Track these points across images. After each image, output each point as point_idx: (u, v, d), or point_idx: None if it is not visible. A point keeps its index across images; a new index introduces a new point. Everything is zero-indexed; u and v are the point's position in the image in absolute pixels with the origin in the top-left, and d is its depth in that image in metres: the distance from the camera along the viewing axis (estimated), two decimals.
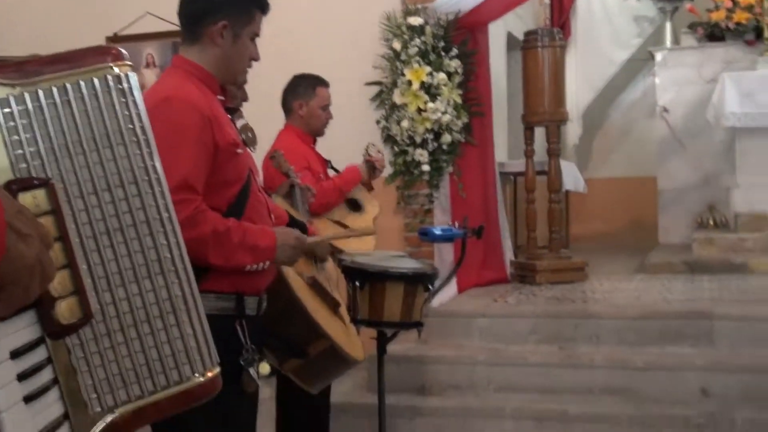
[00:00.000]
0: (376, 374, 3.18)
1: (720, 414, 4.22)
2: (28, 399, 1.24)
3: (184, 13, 2.44)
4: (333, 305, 3.05)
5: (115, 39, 6.32)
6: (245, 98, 3.51)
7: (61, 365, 1.32)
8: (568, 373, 4.58)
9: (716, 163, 7.50)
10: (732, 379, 4.34)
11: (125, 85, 1.45)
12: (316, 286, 3.03)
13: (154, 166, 1.48)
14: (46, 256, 1.14)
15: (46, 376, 1.30)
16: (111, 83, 1.43)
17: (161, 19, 6.01)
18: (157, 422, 2.21)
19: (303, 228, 2.83)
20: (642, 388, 4.45)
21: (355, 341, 3.11)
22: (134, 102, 1.45)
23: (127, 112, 1.45)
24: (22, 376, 1.24)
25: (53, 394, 1.31)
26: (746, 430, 4.11)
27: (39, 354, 1.28)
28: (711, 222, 7.26)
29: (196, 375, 1.51)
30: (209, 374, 1.54)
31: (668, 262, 6.33)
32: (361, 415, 4.55)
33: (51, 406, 1.30)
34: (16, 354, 1.22)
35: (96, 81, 1.41)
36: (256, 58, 2.53)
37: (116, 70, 1.44)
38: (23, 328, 1.25)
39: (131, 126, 1.45)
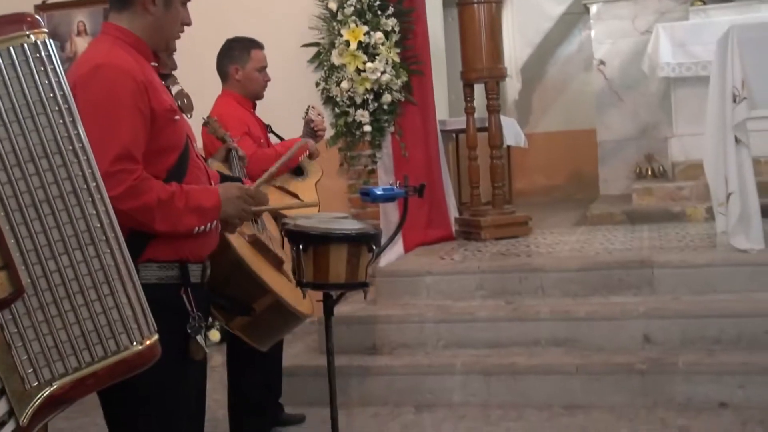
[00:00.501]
0: (325, 336, 3.18)
1: (662, 359, 4.32)
2: None
3: None
4: (276, 262, 3.04)
5: (45, 7, 6.16)
6: (174, 66, 3.44)
7: None
8: (515, 326, 4.64)
9: (653, 113, 7.63)
10: (673, 324, 4.44)
11: (43, 53, 1.42)
12: (257, 244, 3.02)
13: (78, 135, 1.47)
14: None
15: None
16: (28, 52, 1.40)
17: None
18: (106, 392, 2.22)
19: (239, 182, 2.81)
20: (587, 337, 4.53)
21: (302, 298, 3.11)
22: (54, 70, 1.43)
23: (47, 81, 1.42)
24: None
25: None
26: (688, 374, 4.21)
27: None
28: (649, 172, 7.39)
29: (134, 344, 1.52)
30: (147, 342, 1.55)
31: (609, 213, 6.43)
32: (312, 377, 4.57)
33: None
34: None
35: (12, 50, 1.38)
36: (188, 23, 2.49)
37: (33, 38, 1.40)
38: None
39: (52, 95, 1.43)
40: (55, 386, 1.39)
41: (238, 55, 4.27)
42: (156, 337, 1.58)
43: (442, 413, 4.38)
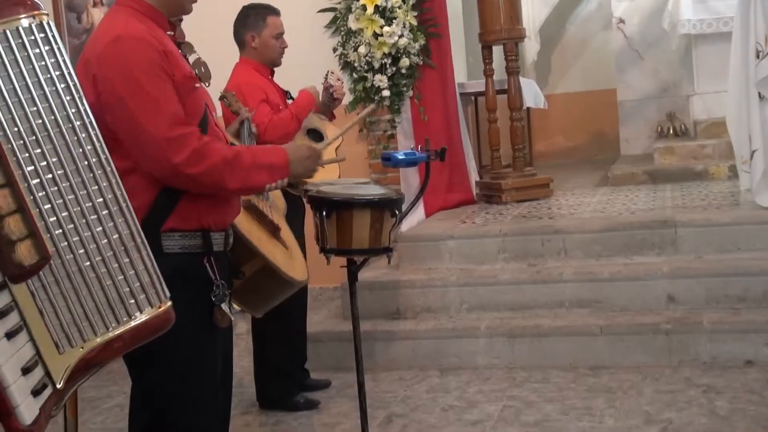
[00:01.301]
0: (349, 302, 3.19)
1: (687, 319, 4.31)
2: (9, 335, 1.30)
3: None
4: (272, 228, 3.04)
5: None
6: (182, 37, 3.43)
7: (27, 309, 1.35)
8: (538, 288, 4.64)
9: (674, 71, 7.53)
10: (697, 284, 4.42)
11: (49, 33, 1.47)
12: (251, 209, 3.01)
13: (86, 110, 1.52)
14: None
15: (14, 318, 1.33)
16: (35, 31, 1.45)
17: None
18: (136, 361, 2.24)
19: None
20: (610, 298, 4.53)
21: (297, 264, 3.10)
22: (59, 49, 1.49)
23: (53, 59, 1.48)
24: (3, 313, 1.29)
25: (23, 336, 1.34)
26: (713, 333, 4.20)
27: (4, 297, 1.31)
28: (671, 131, 7.32)
29: (153, 307, 1.61)
30: (164, 306, 1.63)
31: (631, 173, 6.39)
32: (337, 343, 4.60)
33: (23, 348, 1.34)
34: None
35: (21, 31, 1.43)
36: None
37: (36, 19, 1.46)
38: None
39: (59, 72, 1.48)
40: (86, 350, 1.45)
41: (253, 22, 4.25)
42: (169, 303, 1.65)
43: (467, 376, 4.40)
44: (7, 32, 1.42)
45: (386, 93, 5.57)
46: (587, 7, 9.02)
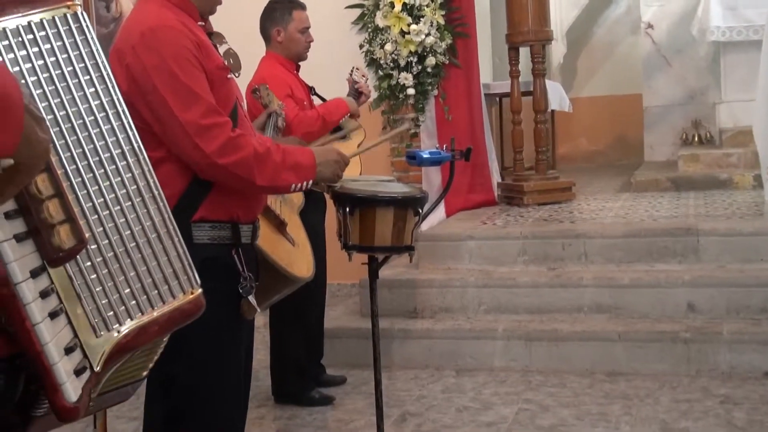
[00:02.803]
0: (368, 299, 3.18)
1: (707, 328, 4.28)
2: (52, 316, 1.32)
3: None
4: (277, 223, 3.04)
5: None
6: (210, 29, 3.44)
7: (64, 292, 1.37)
8: (558, 292, 4.62)
9: (701, 78, 7.49)
10: (718, 293, 4.39)
11: (83, 22, 1.49)
12: None
13: (119, 99, 1.54)
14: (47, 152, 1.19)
15: (54, 301, 1.35)
16: (70, 21, 1.47)
17: None
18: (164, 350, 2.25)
19: None
20: (630, 305, 4.50)
21: (301, 260, 3.09)
22: (93, 38, 1.50)
23: (88, 49, 1.49)
24: (43, 294, 1.31)
25: (62, 319, 1.36)
26: (732, 343, 4.17)
27: (45, 279, 1.33)
28: (696, 138, 7.27)
29: (185, 293, 1.63)
30: (196, 292, 1.66)
31: (654, 180, 6.35)
32: (354, 340, 4.60)
33: (62, 331, 1.36)
34: (33, 274, 1.29)
35: (57, 20, 1.45)
36: None
37: (72, 9, 1.48)
38: (30, 253, 1.29)
39: (93, 61, 1.50)
40: (123, 334, 1.47)
41: (279, 16, 4.25)
42: (200, 290, 1.67)
43: (483, 377, 4.39)
44: (44, 22, 1.43)
45: (411, 91, 5.55)
46: (616, 11, 8.98)
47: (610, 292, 4.55)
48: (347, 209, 2.89)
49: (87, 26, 1.49)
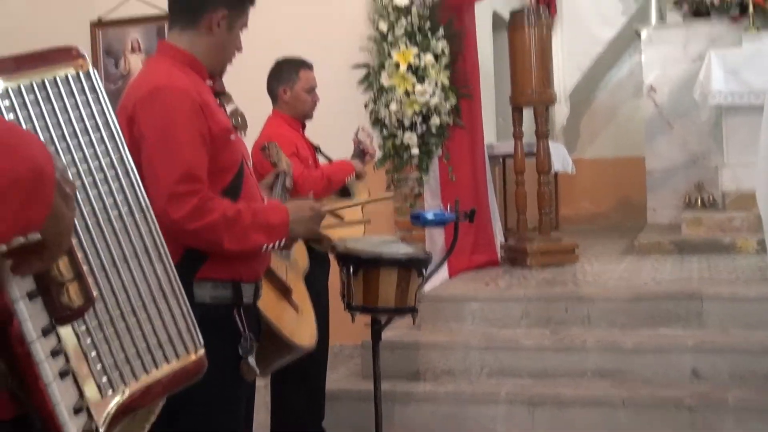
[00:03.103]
0: (369, 360, 3.15)
1: (711, 395, 4.22)
2: (62, 375, 1.31)
3: None
4: (283, 290, 3.01)
5: (100, 24, 6.24)
6: (222, 89, 3.45)
7: (71, 351, 1.36)
8: (561, 356, 4.57)
9: (704, 142, 7.52)
10: (723, 359, 4.34)
11: (95, 81, 1.51)
12: None
13: (127, 156, 1.55)
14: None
15: (62, 360, 1.33)
16: (82, 79, 1.49)
17: (146, 3, 5.94)
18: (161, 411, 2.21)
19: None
20: (634, 370, 4.45)
21: (305, 328, 3.06)
22: (103, 96, 1.52)
23: (98, 107, 1.51)
24: (53, 353, 1.30)
25: (70, 379, 1.35)
26: (738, 411, 4.11)
27: (52, 340, 1.32)
28: (699, 201, 7.27)
29: (189, 353, 1.62)
30: (199, 352, 1.65)
31: (657, 243, 6.34)
32: (356, 402, 4.54)
33: (69, 391, 1.34)
34: (44, 332, 1.28)
35: (70, 78, 1.47)
36: (240, 49, 2.51)
37: (85, 67, 1.50)
38: (40, 311, 1.28)
39: (104, 119, 1.51)
40: (127, 394, 1.45)
41: (286, 76, 4.28)
42: (203, 350, 1.67)
43: None
44: (57, 79, 1.45)
45: (415, 151, 5.57)
46: (618, 74, 9.06)
47: (614, 357, 4.50)
48: (351, 269, 2.88)
49: (98, 84, 1.52)
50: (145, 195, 1.58)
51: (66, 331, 1.35)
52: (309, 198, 2.82)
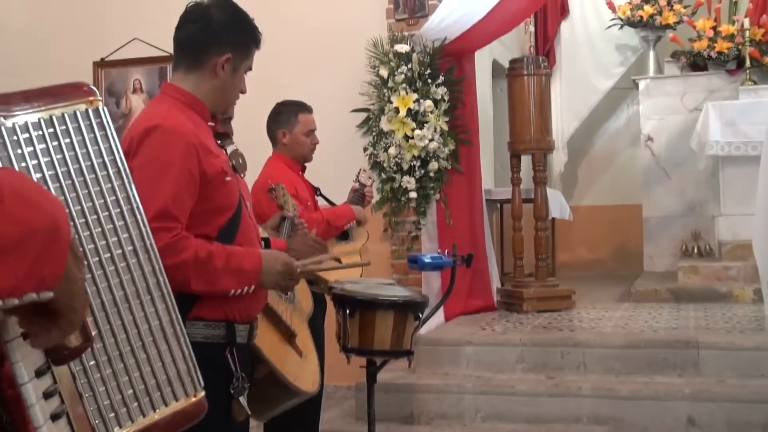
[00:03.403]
0: (364, 402, 3.15)
1: None
2: (54, 418, 1.29)
3: (188, 40, 2.40)
4: (287, 334, 3.01)
5: (103, 64, 6.31)
6: (231, 133, 3.48)
7: (67, 391, 1.34)
8: (556, 402, 4.56)
9: (700, 191, 7.55)
10: (719, 408, 4.33)
11: (104, 118, 1.52)
12: (267, 312, 2.98)
13: (134, 195, 1.56)
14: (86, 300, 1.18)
15: (55, 401, 1.31)
16: (92, 116, 1.49)
17: (149, 45, 6.01)
18: None
19: (266, 244, 2.81)
20: (629, 417, 4.43)
21: (308, 373, 3.05)
22: (111, 134, 1.53)
23: (107, 144, 1.52)
24: (46, 395, 1.27)
25: (63, 421, 1.33)
26: None
27: (47, 381, 1.30)
28: (695, 250, 7.30)
29: (189, 396, 1.60)
30: (199, 395, 1.63)
31: (654, 290, 6.34)
32: None
33: (63, 430, 1.32)
34: (38, 373, 1.26)
35: (78, 114, 1.47)
36: (244, 92, 2.54)
37: (94, 104, 1.51)
38: (35, 352, 1.26)
39: (111, 157, 1.52)
40: None
41: (285, 119, 4.31)
42: (203, 392, 1.65)
43: None
44: (65, 116, 1.45)
45: (413, 195, 5.61)
46: (616, 123, 9.14)
47: (609, 403, 4.48)
48: (347, 311, 2.89)
49: (107, 122, 1.52)
50: (150, 235, 1.56)
51: (61, 370, 1.32)
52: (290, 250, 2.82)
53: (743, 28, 7.38)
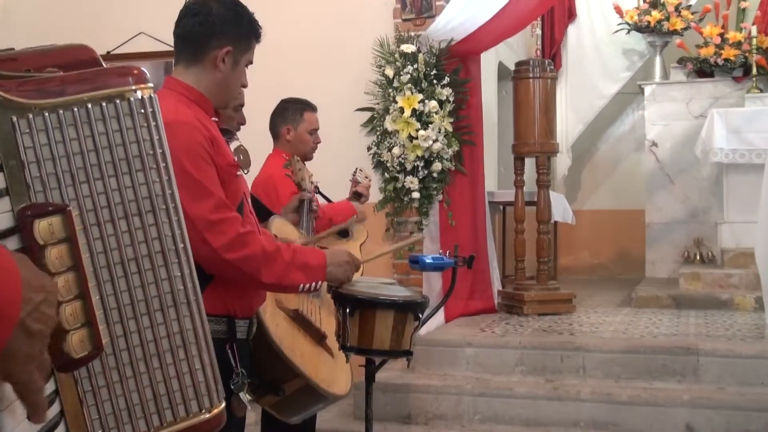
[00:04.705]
0: (362, 402, 3.14)
1: None
2: (51, 428, 1.23)
3: (187, 34, 2.40)
4: (318, 337, 3.00)
5: (108, 58, 6.30)
6: (243, 121, 3.49)
7: (67, 398, 1.29)
8: (554, 405, 4.55)
9: (704, 198, 7.54)
10: (718, 415, 4.32)
11: (148, 109, 1.40)
12: (298, 319, 2.98)
13: (172, 194, 1.44)
14: (44, 354, 1.10)
15: (54, 409, 1.26)
16: (133, 107, 1.38)
17: (155, 39, 6.01)
18: None
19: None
20: (628, 422, 4.43)
21: (341, 374, 3.05)
22: (156, 126, 1.41)
23: (147, 138, 1.40)
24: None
25: (60, 429, 1.28)
26: None
27: (48, 387, 1.25)
28: (697, 257, 7.28)
29: (203, 411, 1.48)
30: (215, 410, 1.50)
31: (655, 296, 6.33)
32: None
33: None
34: None
35: (119, 104, 1.36)
36: (245, 85, 2.53)
37: (138, 93, 1.39)
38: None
39: (151, 152, 1.40)
40: None
41: (291, 116, 4.31)
42: (223, 405, 1.53)
43: None
44: (117, 103, 1.36)
45: (416, 195, 5.60)
46: (621, 128, 9.12)
47: (608, 408, 4.47)
48: (347, 310, 2.86)
49: (153, 112, 1.40)
50: (186, 237, 1.46)
51: (65, 376, 1.27)
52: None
53: (750, 35, 7.36)
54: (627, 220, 8.39)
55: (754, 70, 7.32)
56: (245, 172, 2.59)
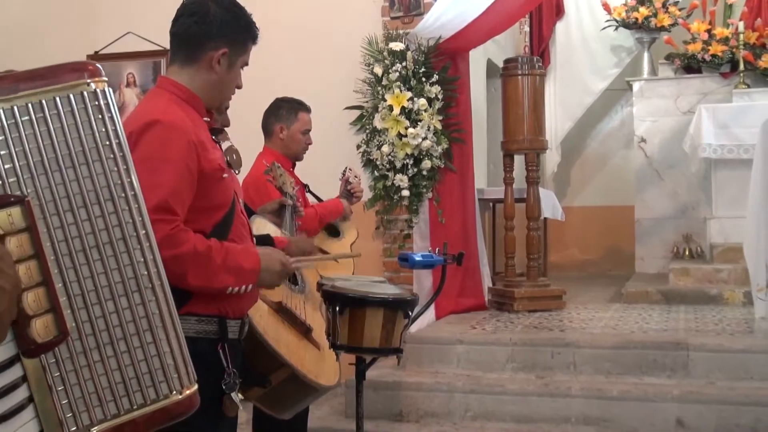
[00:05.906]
0: (353, 399, 3.15)
1: None
2: (3, 419, 1.24)
3: (184, 34, 2.38)
4: (303, 330, 3.00)
5: (96, 57, 6.29)
6: (227, 123, 3.48)
7: (35, 383, 1.31)
8: (546, 401, 4.56)
9: (693, 193, 7.58)
10: (708, 410, 4.34)
11: (101, 101, 1.45)
12: (282, 312, 2.97)
13: (131, 183, 1.49)
14: (10, 312, 1.14)
15: (21, 394, 1.29)
16: (87, 100, 1.43)
17: (143, 38, 5.99)
18: None
19: (269, 240, 2.81)
20: (619, 418, 4.44)
21: (328, 367, 3.05)
22: (111, 118, 1.46)
23: (103, 129, 1.45)
24: (11, 388, 1.25)
25: (28, 413, 1.30)
26: None
27: (14, 372, 1.27)
28: (687, 252, 7.31)
29: (174, 392, 1.52)
30: (187, 392, 1.54)
31: (645, 292, 6.36)
32: None
33: (26, 425, 1.29)
34: (3, 367, 1.23)
35: (72, 97, 1.41)
36: (240, 86, 2.52)
37: (93, 86, 1.44)
38: (9, 342, 1.24)
39: (108, 142, 1.46)
40: None
41: (285, 115, 4.31)
42: (195, 387, 1.58)
43: None
44: (57, 99, 1.40)
45: (406, 193, 5.61)
46: (610, 124, 9.14)
47: (599, 404, 4.49)
48: (337, 308, 2.88)
49: (108, 104, 1.46)
50: (147, 223, 1.51)
51: (33, 361, 1.30)
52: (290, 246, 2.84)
53: (737, 31, 7.39)
54: (616, 216, 8.41)
55: (742, 66, 7.35)
56: (236, 172, 2.57)
